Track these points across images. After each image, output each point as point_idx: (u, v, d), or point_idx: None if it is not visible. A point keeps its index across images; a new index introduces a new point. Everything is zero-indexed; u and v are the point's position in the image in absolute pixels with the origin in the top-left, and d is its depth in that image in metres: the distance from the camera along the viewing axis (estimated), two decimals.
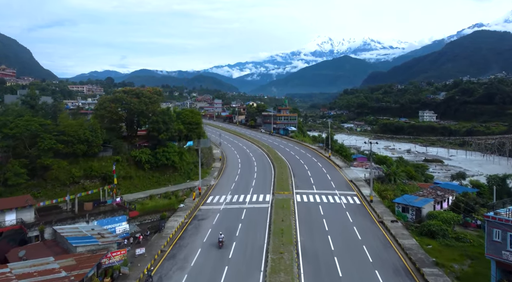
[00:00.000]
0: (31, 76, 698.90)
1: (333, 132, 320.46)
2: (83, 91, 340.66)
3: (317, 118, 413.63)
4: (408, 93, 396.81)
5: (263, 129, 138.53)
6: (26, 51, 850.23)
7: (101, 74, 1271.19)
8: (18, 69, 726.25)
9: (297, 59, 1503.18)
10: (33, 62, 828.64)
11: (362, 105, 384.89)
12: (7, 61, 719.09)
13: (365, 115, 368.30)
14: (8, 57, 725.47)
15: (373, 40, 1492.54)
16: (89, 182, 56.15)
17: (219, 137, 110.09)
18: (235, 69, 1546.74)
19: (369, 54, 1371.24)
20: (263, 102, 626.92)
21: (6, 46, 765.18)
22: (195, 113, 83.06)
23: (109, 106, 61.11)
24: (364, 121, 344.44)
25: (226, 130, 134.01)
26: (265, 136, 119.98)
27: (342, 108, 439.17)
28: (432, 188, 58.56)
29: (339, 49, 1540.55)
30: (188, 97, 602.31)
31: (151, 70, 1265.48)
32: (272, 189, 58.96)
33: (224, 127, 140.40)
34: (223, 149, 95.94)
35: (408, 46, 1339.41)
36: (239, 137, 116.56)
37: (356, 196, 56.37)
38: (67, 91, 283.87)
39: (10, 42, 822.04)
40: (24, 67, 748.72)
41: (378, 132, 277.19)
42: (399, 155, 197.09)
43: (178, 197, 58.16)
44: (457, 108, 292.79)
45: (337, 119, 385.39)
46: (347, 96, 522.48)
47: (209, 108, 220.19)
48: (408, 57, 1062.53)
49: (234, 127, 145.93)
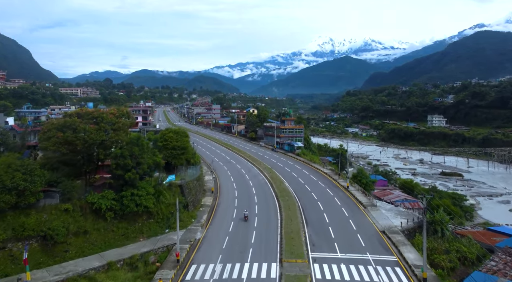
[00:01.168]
0: (30, 77, 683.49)
1: (338, 137, 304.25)
2: (77, 94, 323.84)
3: (320, 121, 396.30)
4: (413, 96, 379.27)
5: (264, 142, 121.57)
6: (25, 51, 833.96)
7: (102, 74, 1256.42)
8: (17, 70, 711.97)
9: (298, 60, 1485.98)
10: (32, 63, 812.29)
11: (367, 109, 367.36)
12: (5, 62, 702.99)
13: (370, 119, 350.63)
14: (6, 58, 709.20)
15: (374, 41, 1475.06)
16: (21, 245, 39.22)
17: (214, 155, 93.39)
18: (236, 70, 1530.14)
19: (370, 54, 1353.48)
20: (264, 103, 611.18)
21: (5, 46, 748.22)
22: (180, 134, 66.08)
23: (55, 135, 44.00)
24: (369, 126, 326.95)
25: (224, 144, 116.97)
26: (268, 153, 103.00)
27: (346, 111, 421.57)
28: (503, 251, 41.38)
29: (340, 50, 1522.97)
30: (188, 99, 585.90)
31: (152, 70, 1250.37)
32: (279, 251, 41.91)
33: (221, 141, 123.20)
34: (217, 172, 78.88)
35: (409, 47, 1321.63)
36: (238, 155, 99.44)
37: (399, 266, 39.25)
38: (58, 94, 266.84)
39: (10, 42, 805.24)
40: (23, 68, 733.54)
41: (385, 138, 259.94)
42: (412, 166, 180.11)
43: (148, 265, 41.17)
44: (468, 112, 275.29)
45: (341, 122, 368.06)
46: (350, 98, 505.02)
47: (207, 114, 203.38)
48: (409, 57, 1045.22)
49: (232, 140, 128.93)
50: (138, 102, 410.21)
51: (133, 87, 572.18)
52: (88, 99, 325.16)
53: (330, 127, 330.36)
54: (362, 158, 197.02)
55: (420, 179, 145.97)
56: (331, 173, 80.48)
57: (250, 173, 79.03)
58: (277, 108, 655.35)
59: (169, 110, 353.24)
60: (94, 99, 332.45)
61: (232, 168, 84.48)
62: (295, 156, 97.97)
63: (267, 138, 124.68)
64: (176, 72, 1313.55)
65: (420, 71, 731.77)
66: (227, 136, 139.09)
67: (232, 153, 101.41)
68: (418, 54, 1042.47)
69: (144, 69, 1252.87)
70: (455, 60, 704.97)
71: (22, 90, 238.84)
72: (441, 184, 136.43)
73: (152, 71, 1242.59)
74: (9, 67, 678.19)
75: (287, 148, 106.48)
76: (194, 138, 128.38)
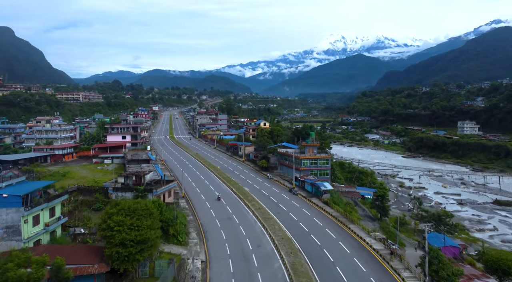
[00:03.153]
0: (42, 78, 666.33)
1: (357, 144, 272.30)
2: (78, 99, 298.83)
3: (335, 125, 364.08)
4: (436, 97, 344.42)
5: (278, 174, 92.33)
6: (38, 53, 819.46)
7: (115, 74, 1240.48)
8: (30, 72, 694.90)
9: (309, 58, 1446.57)
10: (45, 64, 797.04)
11: (386, 112, 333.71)
12: (18, 63, 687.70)
13: (390, 124, 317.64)
14: (19, 60, 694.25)
15: (387, 38, 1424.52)
16: None
17: (210, 204, 64.79)
18: (247, 69, 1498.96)
19: (383, 52, 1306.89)
20: (275, 104, 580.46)
21: (18, 48, 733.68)
22: (142, 215, 37.40)
23: None
24: (391, 132, 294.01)
25: (224, 178, 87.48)
26: (285, 198, 73.57)
27: (363, 114, 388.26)
28: None
29: (352, 48, 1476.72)
30: (197, 100, 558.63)
31: (163, 70, 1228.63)
32: None
33: (223, 175, 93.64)
34: (209, 249, 50.03)
35: (423, 44, 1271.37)
36: (244, 203, 69.79)
37: None
38: (55, 101, 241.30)
39: (23, 44, 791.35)
40: (35, 69, 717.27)
41: (412, 148, 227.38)
42: (453, 189, 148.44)
43: None
44: (503, 118, 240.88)
45: (358, 127, 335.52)
46: (365, 99, 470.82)
47: (212, 126, 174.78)
48: (423, 55, 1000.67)
49: (238, 169, 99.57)
50: (147, 106, 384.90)
51: (142, 88, 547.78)
52: (90, 104, 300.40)
53: (348, 133, 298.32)
54: (391, 177, 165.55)
55: (471, 211, 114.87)
56: (382, 249, 50.79)
57: (260, 253, 49.79)
58: (289, 109, 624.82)
59: (176, 115, 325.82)
60: (97, 104, 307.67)
61: (232, 236, 55.33)
62: (322, 206, 68.29)
63: (282, 168, 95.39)
64: (187, 72, 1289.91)
65: (437, 70, 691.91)
66: (232, 162, 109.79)
67: (236, 199, 72.02)
68: (432, 52, 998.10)
69: (156, 69, 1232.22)
70: (473, 58, 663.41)
71: (14, 97, 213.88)
72: (501, 221, 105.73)
73: (164, 71, 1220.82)
74: (21, 68, 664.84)
75: (310, 188, 76.96)
76: (190, 167, 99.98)
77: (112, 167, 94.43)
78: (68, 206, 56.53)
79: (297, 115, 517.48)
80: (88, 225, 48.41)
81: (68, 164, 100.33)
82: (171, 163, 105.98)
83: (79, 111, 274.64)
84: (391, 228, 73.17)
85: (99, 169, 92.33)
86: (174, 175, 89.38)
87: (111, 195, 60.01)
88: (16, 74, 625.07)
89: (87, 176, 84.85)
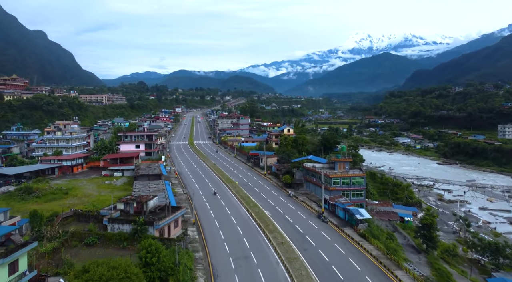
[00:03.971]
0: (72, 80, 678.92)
1: (386, 148, 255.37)
2: (102, 102, 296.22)
3: (362, 127, 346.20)
4: (471, 98, 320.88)
5: (303, 193, 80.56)
6: (68, 55, 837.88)
7: (142, 75, 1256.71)
8: (60, 73, 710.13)
9: (334, 57, 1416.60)
10: (75, 66, 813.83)
11: (417, 114, 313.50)
12: (49, 65, 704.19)
13: (422, 126, 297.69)
14: (51, 62, 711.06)
15: (415, 36, 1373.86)
16: None
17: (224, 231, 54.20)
18: (271, 69, 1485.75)
19: (410, 50, 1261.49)
20: (299, 105, 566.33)
21: (50, 51, 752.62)
22: None
23: None
24: (423, 135, 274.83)
25: (243, 198, 76.22)
26: (312, 225, 61.85)
27: (391, 116, 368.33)
28: None
29: (379, 46, 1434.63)
30: (221, 101, 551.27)
31: (189, 70, 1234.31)
32: None
33: (240, 190, 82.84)
34: None
35: (454, 41, 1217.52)
36: (262, 232, 58.36)
37: None
38: (77, 104, 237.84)
39: (54, 46, 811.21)
40: (66, 71, 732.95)
41: (447, 154, 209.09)
42: (500, 203, 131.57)
43: None
44: None
45: (387, 129, 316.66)
46: (394, 100, 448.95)
47: (233, 131, 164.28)
48: (454, 53, 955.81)
49: (259, 186, 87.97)
50: (170, 107, 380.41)
51: (167, 89, 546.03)
52: (113, 106, 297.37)
53: (376, 137, 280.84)
54: (427, 187, 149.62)
55: None
56: None
57: None
58: (313, 109, 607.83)
59: (199, 117, 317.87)
60: (120, 106, 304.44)
61: None
62: (358, 240, 55.91)
63: (308, 185, 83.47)
64: (212, 72, 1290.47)
65: (469, 68, 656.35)
66: (253, 175, 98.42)
67: (255, 228, 60.63)
68: (464, 50, 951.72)
69: (182, 70, 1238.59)
70: (509, 56, 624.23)
71: (37, 100, 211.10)
72: None
73: (189, 71, 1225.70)
74: (53, 70, 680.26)
75: (342, 214, 64.71)
76: (206, 181, 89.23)
77: (121, 182, 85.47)
78: (53, 242, 47.05)
79: (322, 116, 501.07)
80: (69, 274, 38.39)
81: (76, 176, 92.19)
82: (185, 176, 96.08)
83: (102, 113, 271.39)
84: (441, 265, 60.07)
85: (106, 184, 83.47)
86: (187, 192, 79.33)
87: (107, 226, 50.24)
88: (48, 76, 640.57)
89: (91, 193, 76.02)
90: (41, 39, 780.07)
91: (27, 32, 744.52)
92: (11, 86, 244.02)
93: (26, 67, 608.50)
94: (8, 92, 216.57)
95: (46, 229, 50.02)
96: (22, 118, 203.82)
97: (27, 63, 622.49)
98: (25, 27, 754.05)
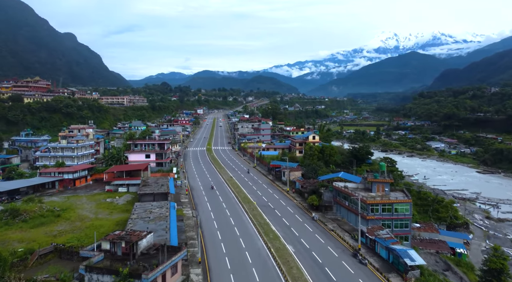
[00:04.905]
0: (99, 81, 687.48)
1: (418, 154, 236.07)
2: (123, 103, 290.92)
3: (391, 130, 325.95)
4: (510, 99, 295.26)
5: (336, 216, 67.05)
6: (96, 56, 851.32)
7: (167, 76, 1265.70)
8: (88, 74, 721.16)
9: (359, 57, 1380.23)
10: (102, 67, 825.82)
11: (451, 116, 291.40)
12: (78, 67, 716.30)
13: (456, 130, 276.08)
14: (79, 64, 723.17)
15: (444, 34, 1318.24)
16: None
17: None
18: (294, 69, 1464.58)
19: (439, 49, 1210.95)
20: (323, 105, 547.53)
21: (78, 52, 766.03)
22: None
23: None
24: (457, 139, 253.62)
25: (261, 226, 63.08)
26: (347, 268, 48.38)
27: (421, 118, 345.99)
28: None
29: (405, 45, 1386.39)
30: (244, 102, 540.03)
31: (212, 71, 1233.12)
32: None
33: (258, 215, 69.96)
34: None
35: (485, 39, 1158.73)
36: (283, 279, 45.85)
37: None
38: (97, 106, 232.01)
39: (82, 48, 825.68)
40: (93, 72, 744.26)
41: (488, 161, 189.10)
42: None
43: None
44: None
45: (417, 132, 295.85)
46: (423, 101, 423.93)
47: (253, 137, 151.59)
48: (486, 51, 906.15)
49: (280, 206, 74.75)
50: (192, 109, 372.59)
51: (190, 90, 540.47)
52: (134, 108, 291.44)
53: (406, 140, 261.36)
54: (470, 201, 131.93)
55: None
56: None
57: None
58: (338, 110, 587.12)
59: (220, 120, 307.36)
60: (141, 108, 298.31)
61: None
62: None
63: (339, 209, 69.80)
64: (235, 72, 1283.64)
65: (503, 67, 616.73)
66: (274, 192, 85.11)
67: (275, 272, 48.04)
68: (497, 48, 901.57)
69: (205, 70, 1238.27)
70: None
71: (56, 103, 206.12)
72: None
73: (213, 71, 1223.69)
74: (81, 72, 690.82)
75: (384, 254, 50.91)
76: (220, 200, 76.26)
77: (124, 200, 74.66)
78: None
79: (347, 117, 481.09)
80: None
81: (78, 191, 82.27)
82: (197, 192, 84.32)
83: (123, 115, 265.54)
84: None
85: (107, 203, 72.83)
86: (197, 215, 67.40)
87: (85, 277, 38.77)
88: (76, 77, 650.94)
89: (87, 216, 65.35)
90: (71, 41, 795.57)
91: (57, 35, 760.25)
92: (34, 89, 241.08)
93: (55, 69, 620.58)
94: (29, 95, 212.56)
95: (11, 278, 39.04)
96: (41, 121, 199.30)
97: (56, 65, 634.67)
98: (55, 30, 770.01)
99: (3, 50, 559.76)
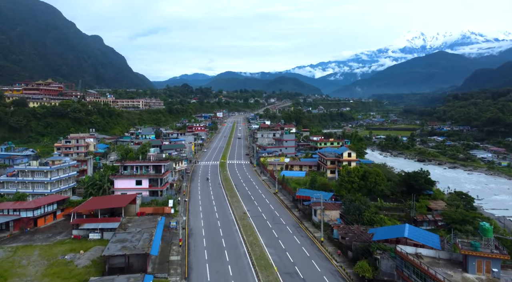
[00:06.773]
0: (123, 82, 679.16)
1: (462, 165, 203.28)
2: (138, 107, 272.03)
3: (424, 135, 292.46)
4: None
5: None
6: (121, 58, 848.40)
7: (190, 77, 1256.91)
8: (112, 76, 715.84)
9: (384, 57, 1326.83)
10: (126, 69, 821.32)
11: (495, 121, 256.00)
12: (103, 68, 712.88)
13: (502, 136, 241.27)
14: (104, 65, 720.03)
15: (474, 33, 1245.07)
16: None
17: None
18: (317, 69, 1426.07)
19: (468, 48, 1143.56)
20: (348, 107, 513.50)
21: (104, 54, 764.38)
22: None
23: None
24: (505, 148, 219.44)
25: None
26: None
27: (459, 122, 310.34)
28: None
29: (433, 45, 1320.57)
30: (265, 104, 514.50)
31: (235, 72, 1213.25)
32: None
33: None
34: None
35: None
36: None
37: None
38: (107, 111, 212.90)
39: (108, 50, 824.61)
40: (118, 74, 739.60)
41: None
42: None
43: None
44: None
45: (456, 138, 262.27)
46: (458, 103, 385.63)
47: (275, 149, 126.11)
48: None
49: (312, 272, 49.33)
50: (211, 111, 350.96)
51: (211, 92, 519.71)
52: (150, 112, 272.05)
53: (445, 148, 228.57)
54: None
55: None
56: None
57: None
58: (364, 112, 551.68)
59: (241, 124, 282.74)
60: (157, 111, 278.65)
61: None
62: None
63: None
64: (258, 73, 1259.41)
65: None
66: (302, 243, 58.23)
67: None
68: None
69: (228, 71, 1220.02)
70: None
71: (63, 107, 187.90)
72: None
73: (235, 73, 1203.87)
74: (106, 73, 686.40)
75: None
76: (226, 260, 49.69)
77: (88, 257, 51.12)
78: None
79: (374, 120, 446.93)
80: None
81: (37, 235, 59.74)
82: (196, 241, 59.48)
83: (138, 119, 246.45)
84: None
85: (65, 261, 49.65)
86: None
87: None
88: (101, 78, 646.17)
89: None
90: (97, 44, 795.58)
91: (84, 37, 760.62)
92: (45, 91, 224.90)
93: (81, 70, 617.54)
94: (36, 99, 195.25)
95: None
96: (46, 127, 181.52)
97: (82, 67, 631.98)
98: (82, 33, 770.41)
99: (32, 53, 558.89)
